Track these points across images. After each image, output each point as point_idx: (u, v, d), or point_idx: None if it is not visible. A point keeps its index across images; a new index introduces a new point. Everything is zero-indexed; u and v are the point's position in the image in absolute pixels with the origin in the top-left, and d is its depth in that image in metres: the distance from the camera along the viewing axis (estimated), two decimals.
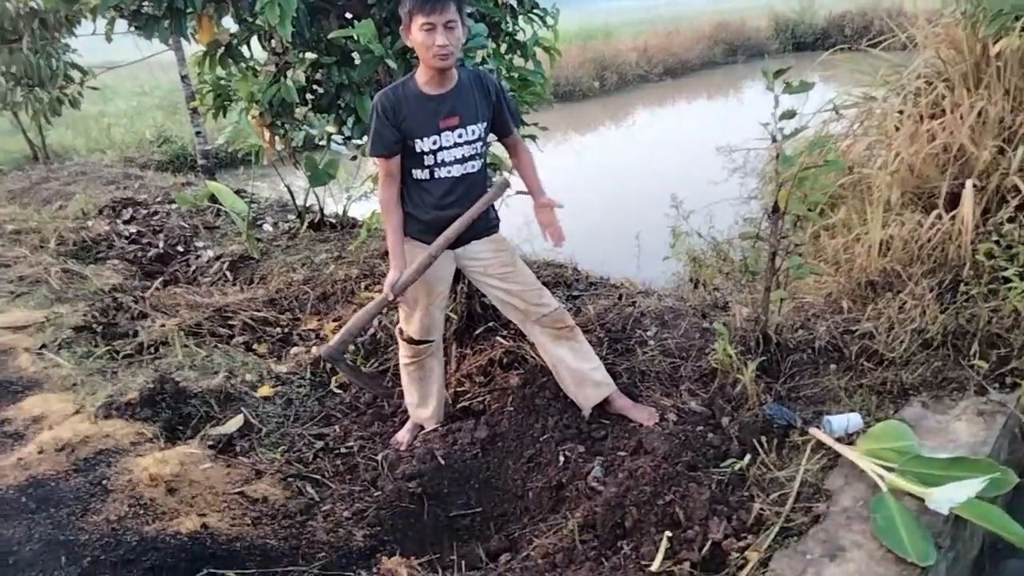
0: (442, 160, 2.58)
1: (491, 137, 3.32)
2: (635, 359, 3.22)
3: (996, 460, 2.28)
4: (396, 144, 2.54)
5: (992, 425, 2.51)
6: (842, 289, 3.58)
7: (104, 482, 2.70)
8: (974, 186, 3.60)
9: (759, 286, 3.06)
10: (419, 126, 2.52)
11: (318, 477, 2.93)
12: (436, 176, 2.60)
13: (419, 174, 2.61)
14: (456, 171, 2.60)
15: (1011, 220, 3.44)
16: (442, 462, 2.83)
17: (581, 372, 2.88)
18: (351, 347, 3.71)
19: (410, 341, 2.89)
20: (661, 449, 2.57)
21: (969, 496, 2.03)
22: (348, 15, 3.06)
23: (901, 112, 4.36)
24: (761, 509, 2.26)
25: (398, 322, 2.97)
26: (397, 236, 2.66)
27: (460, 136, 2.56)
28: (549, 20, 3.64)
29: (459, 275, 3.03)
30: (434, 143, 2.54)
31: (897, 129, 4.26)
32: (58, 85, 8.38)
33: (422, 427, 3.10)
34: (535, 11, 3.61)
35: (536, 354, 3.24)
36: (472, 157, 2.62)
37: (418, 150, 2.55)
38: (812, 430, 2.54)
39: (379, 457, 2.99)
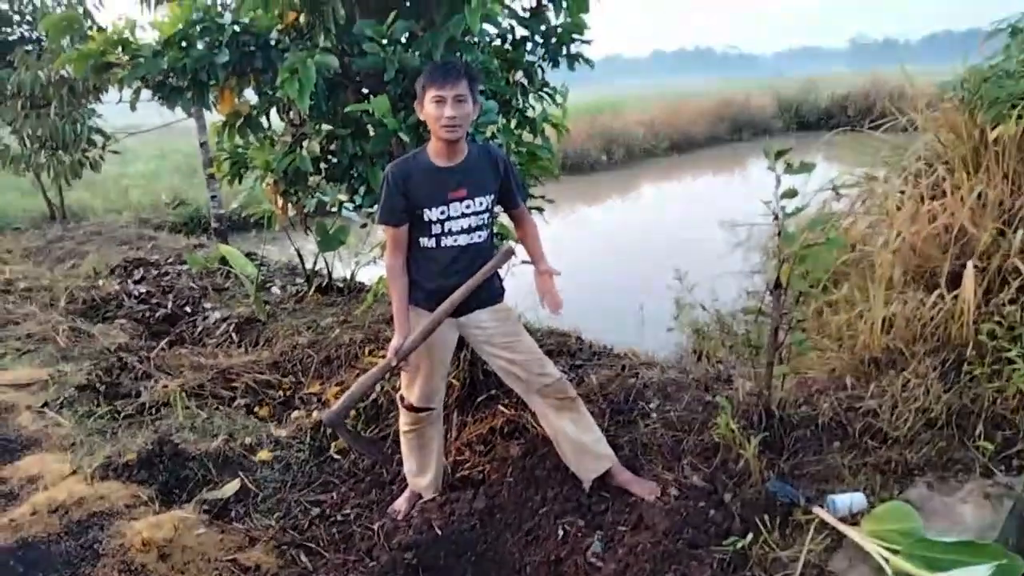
0: (449, 229, 2.64)
1: (498, 208, 3.41)
2: (637, 431, 3.20)
3: (1004, 545, 2.23)
4: (404, 213, 2.61)
5: (999, 509, 2.46)
6: (845, 365, 3.57)
7: (96, 546, 2.67)
8: (975, 267, 3.63)
9: (762, 360, 3.05)
10: (428, 196, 2.59)
11: (313, 546, 2.89)
12: (443, 245, 2.66)
13: (426, 242, 2.66)
14: (462, 240, 2.66)
15: (1012, 302, 3.45)
16: (439, 533, 2.78)
17: (582, 444, 2.85)
18: (352, 412, 3.70)
19: (410, 408, 2.89)
20: (662, 525, 2.53)
21: None
22: (364, 90, 3.18)
23: (902, 192, 4.43)
24: None
25: (400, 388, 2.97)
26: (402, 303, 2.70)
27: (467, 207, 2.63)
28: (558, 98, 3.77)
29: (462, 343, 3.05)
30: (442, 213, 2.61)
31: (898, 209, 4.32)
32: (81, 148, 8.63)
33: (420, 496, 3.06)
34: (545, 89, 3.75)
35: (537, 423, 3.22)
36: (479, 227, 2.68)
37: (426, 219, 2.61)
38: (816, 509, 2.50)
39: (376, 526, 2.95)
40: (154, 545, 2.65)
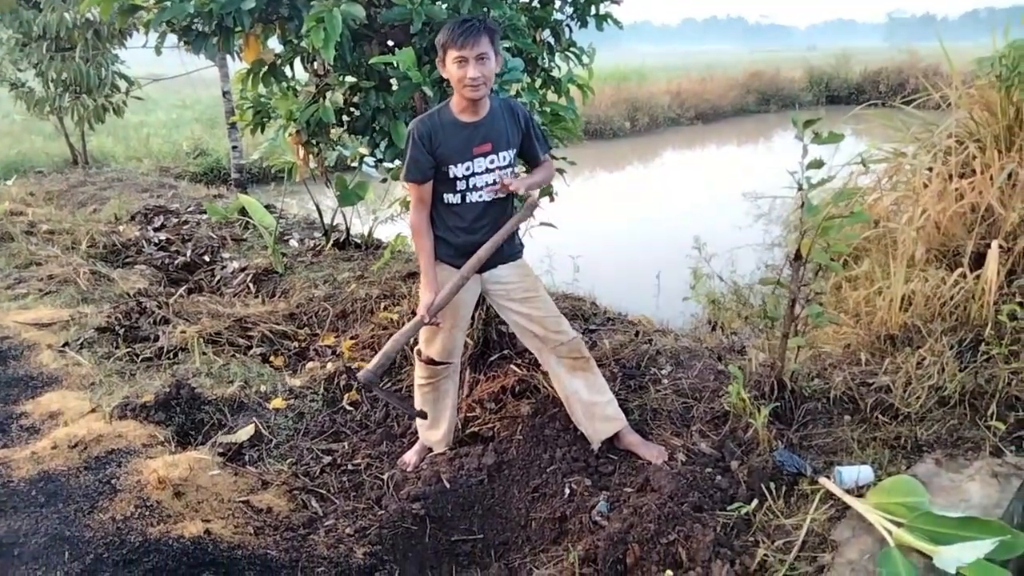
0: (474, 185, 2.63)
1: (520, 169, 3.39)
2: (648, 397, 3.21)
3: (1009, 523, 2.23)
4: (430, 170, 2.61)
5: (1007, 487, 2.46)
6: (861, 341, 3.56)
7: (113, 481, 2.74)
8: (1000, 247, 3.58)
9: (777, 332, 3.04)
10: (453, 152, 2.58)
11: (323, 492, 2.94)
12: (468, 200, 2.66)
13: (451, 199, 2.66)
14: (487, 196, 2.66)
15: None
16: (447, 486, 2.83)
17: (593, 405, 2.88)
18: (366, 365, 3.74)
19: (429, 362, 2.92)
20: (668, 488, 2.56)
21: (978, 557, 2.00)
22: (390, 42, 3.16)
23: (930, 169, 4.36)
24: (765, 555, 2.24)
25: (415, 343, 3.00)
26: (430, 259, 2.71)
27: (492, 162, 2.62)
28: (585, 59, 3.72)
29: (479, 300, 3.07)
30: (467, 169, 2.60)
31: (925, 186, 4.26)
32: (104, 93, 8.65)
33: (430, 449, 3.11)
34: (572, 49, 3.69)
35: (549, 384, 3.24)
36: None
37: (451, 175, 2.61)
38: (822, 480, 2.52)
39: (385, 476, 3.00)
40: (169, 483, 2.71)
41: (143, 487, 2.69)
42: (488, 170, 2.63)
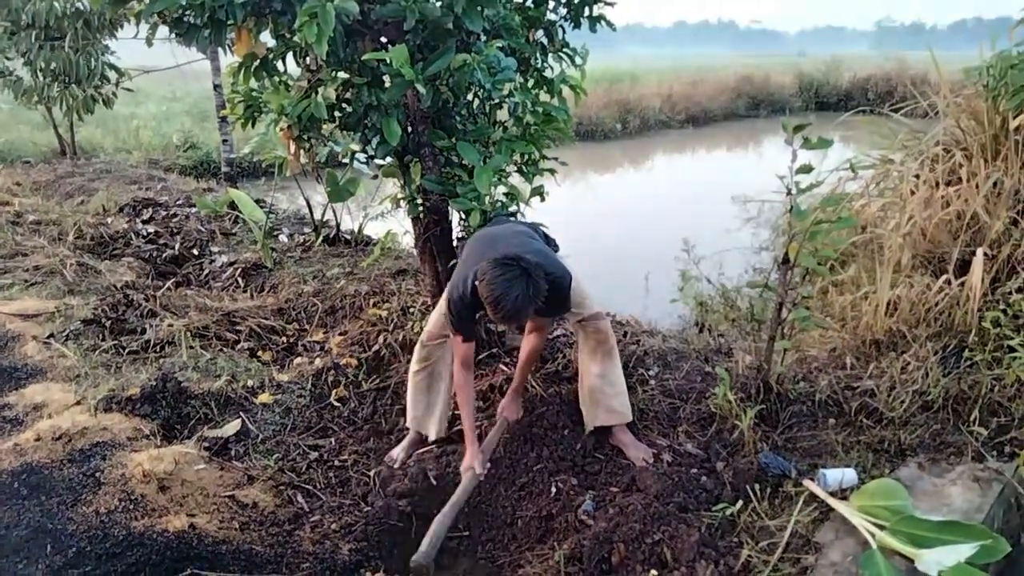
0: None
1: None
2: (635, 397, 3.22)
3: (990, 527, 2.26)
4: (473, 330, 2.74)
5: (988, 492, 2.49)
6: (846, 345, 3.59)
7: (97, 474, 2.72)
8: (985, 254, 3.63)
9: (764, 335, 3.07)
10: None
11: (310, 488, 2.94)
12: None
13: None
14: None
15: (1020, 290, 3.45)
16: (434, 483, 2.83)
17: (602, 392, 2.93)
18: (354, 362, 3.74)
19: (428, 338, 3.00)
20: (654, 488, 2.57)
21: (959, 560, 2.02)
22: (383, 39, 3.15)
23: (917, 177, 4.40)
24: (749, 556, 2.25)
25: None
26: (471, 419, 2.81)
27: None
28: (578, 60, 3.73)
29: None
30: None
31: (912, 193, 4.30)
32: (94, 84, 8.58)
33: (418, 446, 3.11)
34: (565, 50, 3.70)
35: (536, 383, 3.25)
36: None
37: None
38: (806, 482, 2.54)
39: (372, 473, 3.00)
40: (154, 477, 2.70)
41: (127, 481, 2.68)
42: None
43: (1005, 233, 3.79)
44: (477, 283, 2.47)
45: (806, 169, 2.67)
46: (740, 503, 2.48)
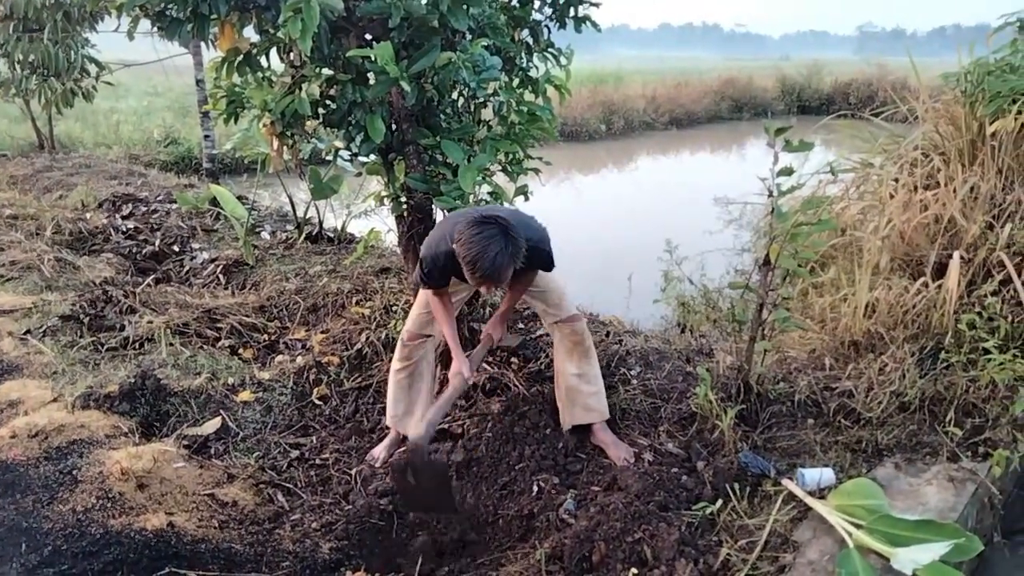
0: None
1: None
2: (617, 396, 3.24)
3: (963, 527, 2.30)
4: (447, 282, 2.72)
5: (962, 492, 2.53)
6: (825, 346, 3.63)
7: (74, 472, 2.69)
8: (961, 258, 3.68)
9: (745, 336, 3.09)
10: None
11: (290, 486, 2.92)
12: None
13: None
14: None
15: (995, 294, 3.51)
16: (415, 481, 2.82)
17: (578, 392, 2.94)
18: (336, 360, 3.72)
19: (409, 337, 3.00)
20: (635, 487, 2.58)
21: (933, 559, 2.05)
22: (368, 36, 3.14)
23: (896, 180, 4.46)
24: (728, 554, 2.27)
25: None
26: (453, 330, 2.80)
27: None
28: (563, 60, 3.74)
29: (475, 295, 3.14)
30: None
31: (891, 196, 4.35)
32: (73, 77, 8.46)
33: (400, 445, 3.10)
34: (550, 50, 3.71)
35: (519, 382, 3.26)
36: None
37: None
38: (785, 481, 2.56)
39: (353, 471, 2.99)
40: (132, 475, 2.67)
41: (105, 478, 2.65)
42: None
43: (981, 237, 3.85)
44: (455, 245, 2.39)
45: (787, 171, 2.69)
46: (720, 502, 2.50)
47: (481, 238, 2.31)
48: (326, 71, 3.24)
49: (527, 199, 3.63)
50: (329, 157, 3.74)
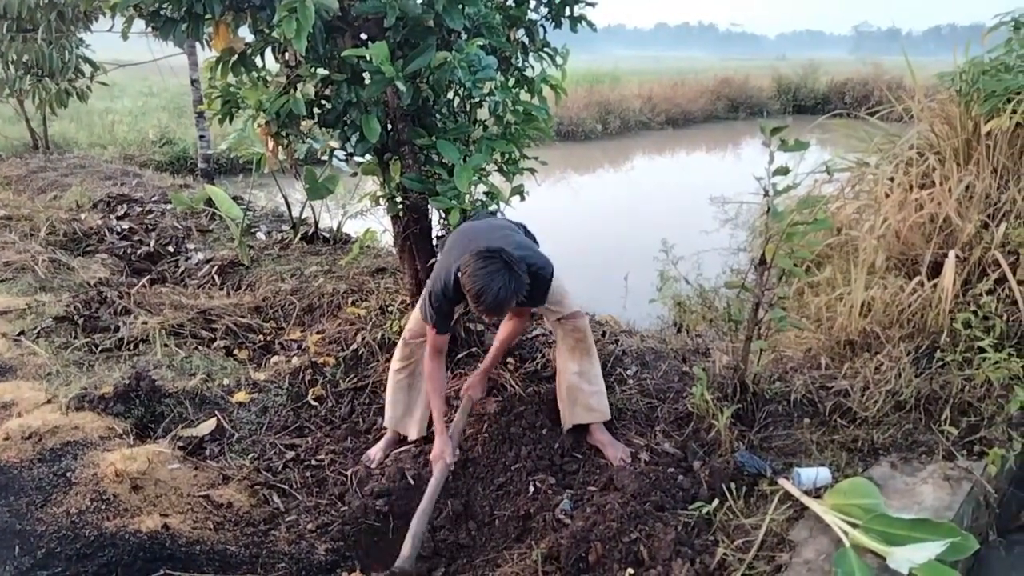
0: None
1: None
2: (613, 396, 3.23)
3: (959, 525, 2.30)
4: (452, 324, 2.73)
5: (958, 491, 2.53)
6: (821, 346, 3.63)
7: (68, 474, 2.68)
8: (957, 257, 3.69)
9: (741, 335, 3.09)
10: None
11: (286, 487, 2.91)
12: None
13: None
14: None
15: (990, 292, 3.51)
16: (411, 482, 2.82)
17: (579, 390, 2.94)
18: (332, 361, 3.71)
19: (411, 336, 2.99)
20: (631, 487, 2.58)
21: (929, 558, 2.05)
22: (363, 36, 3.13)
23: (892, 180, 4.47)
24: (725, 554, 2.27)
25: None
26: (441, 408, 2.81)
27: None
28: (559, 60, 3.73)
29: None
30: None
31: (887, 196, 4.36)
32: (67, 77, 8.43)
33: (395, 445, 3.09)
34: (546, 50, 3.70)
35: (515, 382, 3.26)
36: None
37: None
38: (781, 480, 2.56)
39: (349, 472, 2.98)
40: (127, 477, 2.66)
41: (99, 480, 2.64)
42: None
43: (976, 236, 3.85)
44: (459, 275, 2.46)
45: (783, 171, 2.69)
46: (716, 502, 2.50)
47: (485, 273, 2.37)
48: (321, 71, 3.23)
49: (523, 199, 3.63)
50: (324, 157, 3.74)
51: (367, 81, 3.06)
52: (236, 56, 3.19)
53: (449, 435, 2.80)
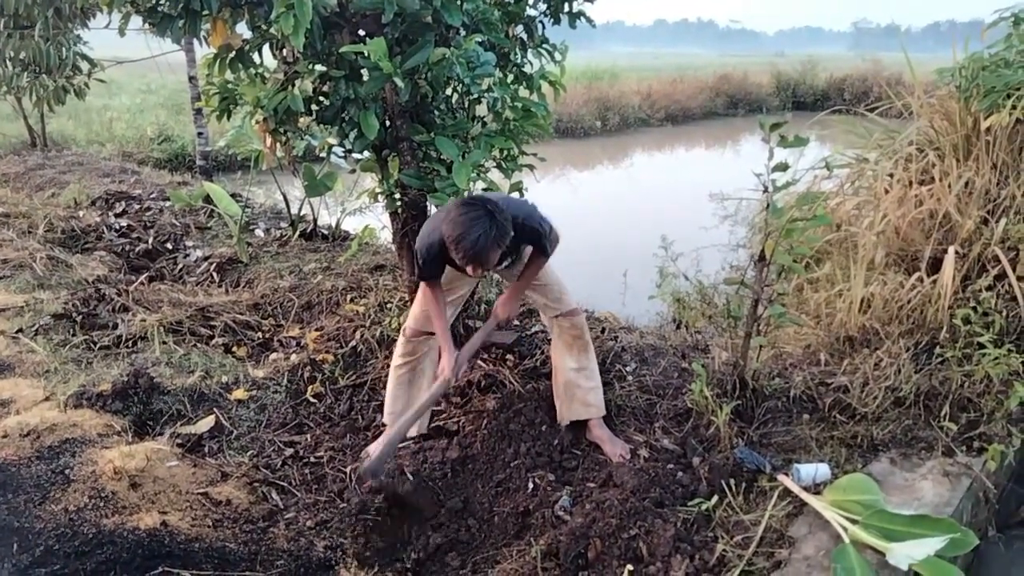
0: None
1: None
2: (612, 393, 3.24)
3: (958, 521, 2.30)
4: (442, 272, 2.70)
5: (957, 487, 2.53)
6: (821, 342, 3.63)
7: (67, 471, 2.67)
8: (956, 253, 3.68)
9: (740, 332, 3.09)
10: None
11: (284, 484, 2.91)
12: None
13: None
14: None
15: (989, 288, 3.51)
16: (411, 479, 2.81)
17: (576, 386, 2.94)
18: (330, 358, 3.71)
19: (411, 334, 2.98)
20: (630, 483, 2.58)
21: (929, 554, 2.05)
22: (361, 32, 3.12)
23: (891, 176, 4.46)
24: (724, 550, 2.27)
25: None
26: (444, 323, 2.77)
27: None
28: (557, 56, 3.72)
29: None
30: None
31: (886, 192, 4.36)
32: (65, 74, 8.41)
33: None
34: (544, 46, 3.69)
35: (514, 379, 3.25)
36: None
37: None
38: (780, 477, 2.56)
39: (348, 469, 2.98)
40: (125, 474, 2.65)
41: (98, 478, 2.63)
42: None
43: (976, 232, 3.85)
44: (443, 225, 2.41)
45: (782, 167, 2.69)
46: (715, 498, 2.50)
47: (466, 219, 2.34)
48: (319, 67, 3.22)
49: (522, 195, 3.62)
50: (323, 154, 3.73)
51: (365, 77, 3.05)
52: (234, 52, 3.18)
53: (460, 351, 2.73)
